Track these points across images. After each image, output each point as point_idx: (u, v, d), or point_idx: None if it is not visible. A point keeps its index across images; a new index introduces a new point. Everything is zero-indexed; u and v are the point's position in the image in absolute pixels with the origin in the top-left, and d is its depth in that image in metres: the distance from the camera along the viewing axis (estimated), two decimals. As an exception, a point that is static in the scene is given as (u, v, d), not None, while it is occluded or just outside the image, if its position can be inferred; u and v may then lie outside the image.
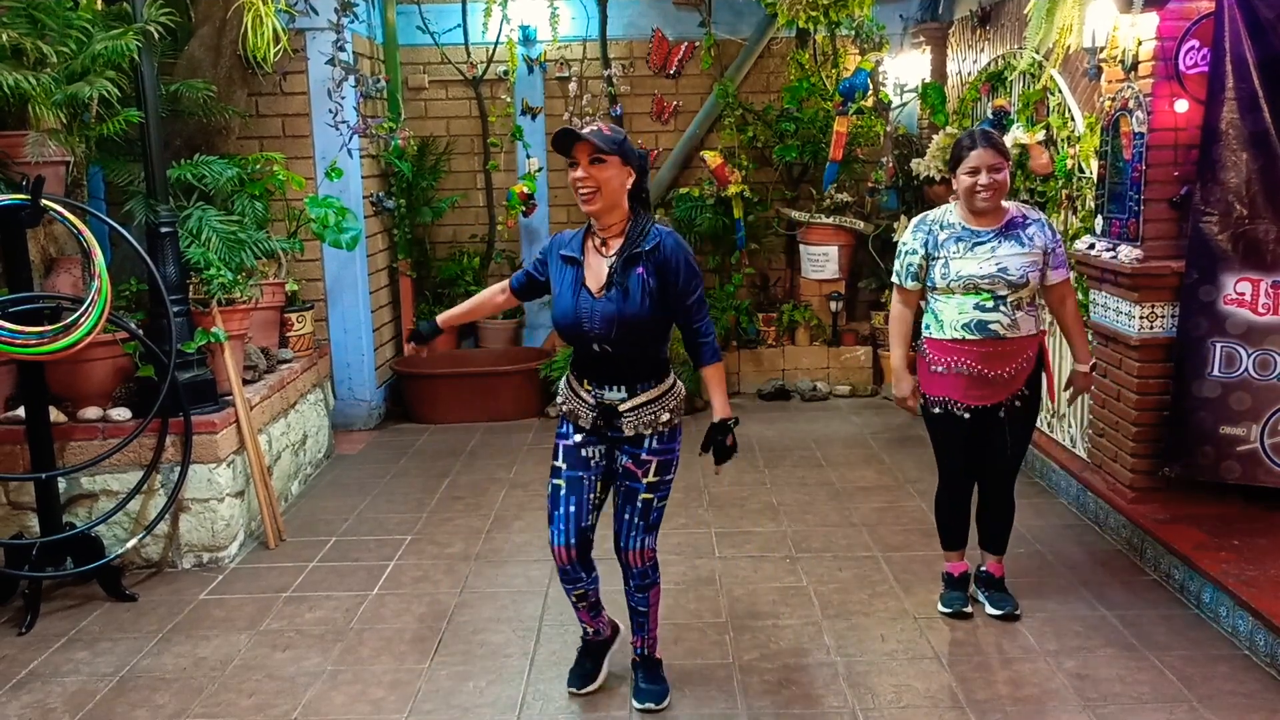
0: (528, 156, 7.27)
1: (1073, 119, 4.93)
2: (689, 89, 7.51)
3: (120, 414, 4.28)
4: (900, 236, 3.62)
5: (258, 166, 5.26)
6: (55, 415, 4.16)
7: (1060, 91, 5.03)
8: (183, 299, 4.35)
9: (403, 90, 7.10)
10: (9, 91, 3.86)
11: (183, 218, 4.65)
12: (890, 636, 3.63)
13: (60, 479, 4.14)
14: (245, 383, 4.80)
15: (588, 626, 3.28)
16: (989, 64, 6.01)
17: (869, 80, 6.71)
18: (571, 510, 3.06)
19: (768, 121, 7.24)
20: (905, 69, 7.19)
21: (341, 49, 5.80)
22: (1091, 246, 4.46)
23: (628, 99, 7.45)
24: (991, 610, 3.74)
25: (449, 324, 3.36)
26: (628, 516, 3.08)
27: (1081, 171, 4.85)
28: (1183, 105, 4.07)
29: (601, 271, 2.96)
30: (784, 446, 6.00)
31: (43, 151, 4.04)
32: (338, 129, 5.91)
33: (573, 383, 3.08)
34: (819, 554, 4.36)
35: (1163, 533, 4.02)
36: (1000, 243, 3.44)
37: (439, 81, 7.42)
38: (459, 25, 7.27)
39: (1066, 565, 4.18)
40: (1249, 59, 3.87)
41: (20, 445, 4.13)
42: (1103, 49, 4.36)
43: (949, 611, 3.76)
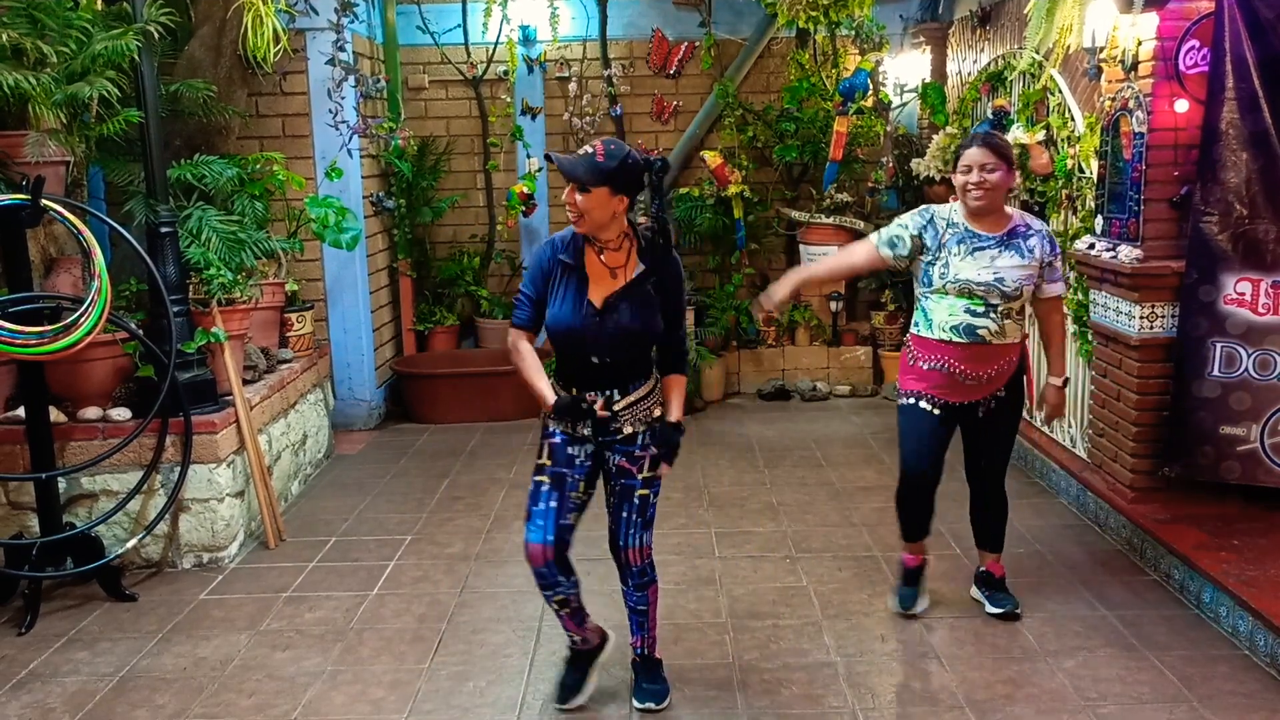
0: (528, 156, 7.27)
1: (1073, 119, 4.93)
2: (689, 89, 7.51)
3: (120, 414, 4.28)
4: None
5: (258, 166, 5.26)
6: (55, 415, 4.16)
7: (1060, 91, 5.03)
8: (183, 299, 4.35)
9: (403, 90, 7.10)
10: (9, 91, 3.86)
11: (183, 218, 4.65)
12: (890, 636, 3.63)
13: (60, 479, 4.14)
14: (245, 383, 4.80)
15: (574, 635, 3.20)
16: (989, 64, 6.01)
17: (869, 80, 6.71)
18: (553, 506, 3.01)
19: (768, 121, 7.24)
20: (905, 69, 7.19)
21: (341, 49, 5.80)
22: (1091, 246, 4.46)
23: (628, 99, 7.45)
24: (992, 610, 3.75)
25: (542, 398, 3.02)
26: (625, 514, 3.08)
27: (1081, 171, 4.85)
28: (1183, 105, 4.07)
29: (605, 284, 2.94)
30: (784, 446, 6.00)
31: (43, 151, 4.04)
32: (338, 129, 5.91)
33: (559, 391, 3.04)
34: (819, 554, 4.36)
35: (1163, 533, 4.02)
36: (1001, 252, 3.43)
37: (439, 81, 7.42)
38: (459, 25, 7.26)
39: (1066, 565, 4.18)
40: (1249, 59, 3.87)
41: (20, 445, 4.13)
42: (1103, 49, 4.36)
43: (899, 610, 3.77)
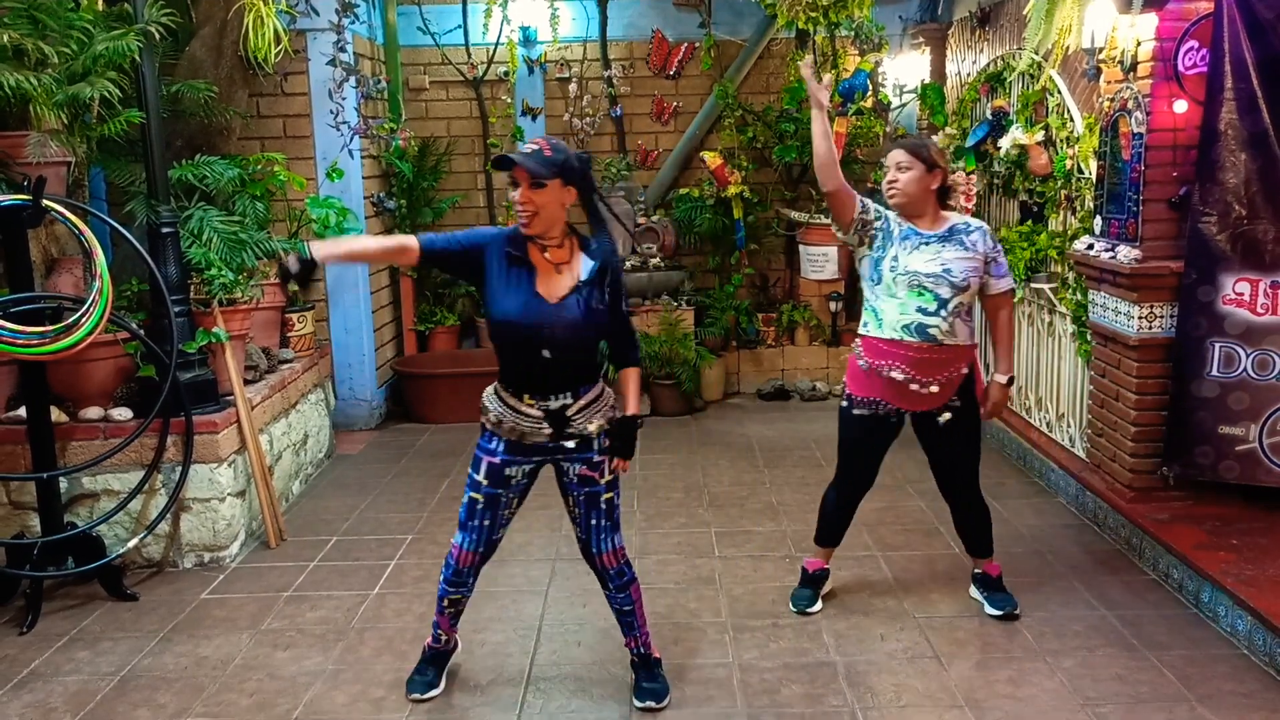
0: (528, 157, 7.26)
1: (1072, 119, 4.93)
2: (689, 90, 7.52)
3: (121, 414, 4.28)
4: None
5: (259, 167, 5.27)
6: (56, 415, 4.16)
7: (1059, 92, 5.03)
8: (184, 299, 4.35)
9: (403, 91, 7.10)
10: (10, 92, 3.87)
11: (184, 218, 4.65)
12: (890, 636, 3.63)
13: (61, 479, 4.14)
14: (246, 383, 4.81)
15: (442, 634, 3.29)
16: (988, 65, 6.01)
17: (868, 81, 6.71)
18: (486, 524, 3.09)
19: (767, 122, 7.25)
20: (905, 70, 7.19)
21: (342, 50, 5.81)
22: (1090, 247, 4.47)
23: (628, 100, 7.46)
24: (991, 610, 3.75)
25: (328, 259, 2.93)
26: (594, 521, 3.10)
27: (1080, 172, 4.86)
28: (1181, 106, 4.08)
29: (556, 282, 2.95)
30: (784, 446, 6.00)
31: (44, 152, 4.05)
32: (339, 129, 5.91)
33: (508, 399, 3.00)
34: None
35: (1162, 532, 4.03)
36: (944, 246, 3.48)
37: (440, 82, 7.43)
38: (459, 26, 7.27)
39: (1066, 565, 4.19)
40: (1248, 59, 3.88)
41: (22, 445, 4.14)
42: (1102, 49, 4.37)
43: (795, 610, 3.80)
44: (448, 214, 7.23)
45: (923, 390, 3.50)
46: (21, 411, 4.12)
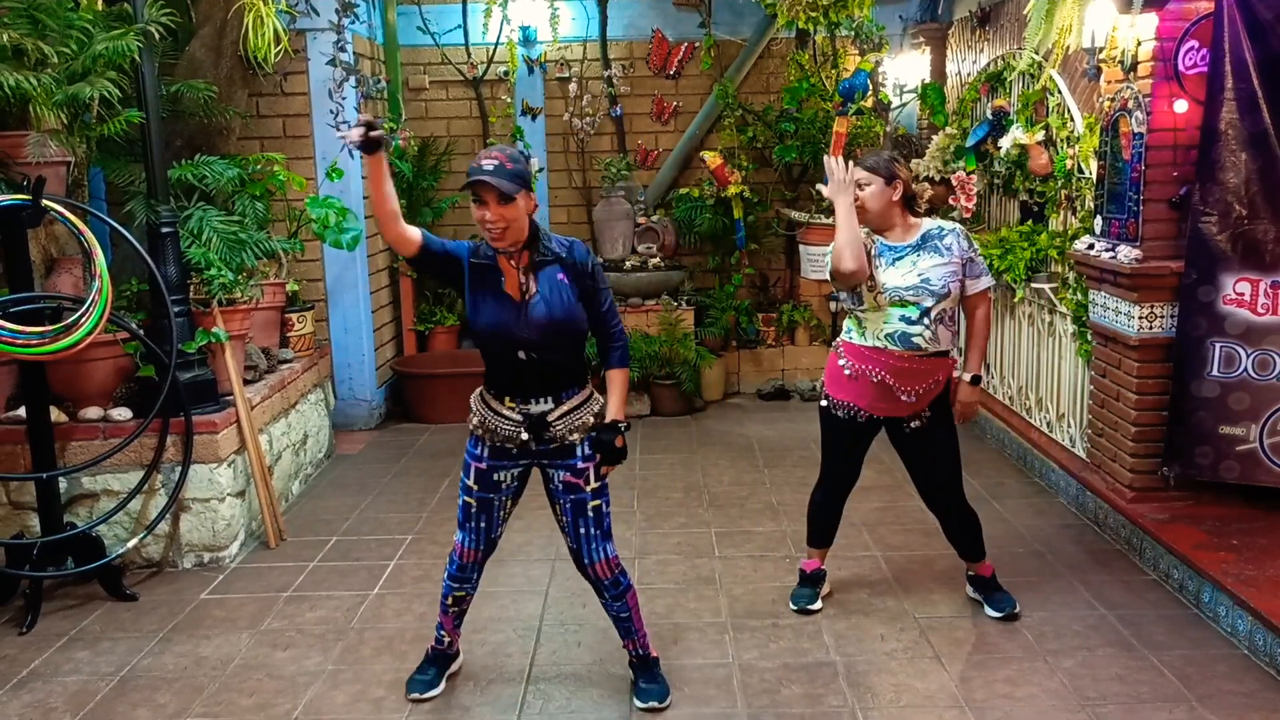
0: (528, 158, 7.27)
1: (1072, 119, 4.93)
2: (689, 89, 7.51)
3: (121, 414, 4.28)
4: None
5: (258, 167, 5.27)
6: (56, 415, 4.16)
7: (1059, 92, 5.03)
8: (183, 299, 4.35)
9: (403, 91, 7.10)
10: (10, 92, 3.87)
11: (183, 218, 4.65)
12: (890, 636, 3.63)
13: (61, 479, 4.14)
14: (246, 383, 4.81)
15: (445, 636, 3.31)
16: (988, 64, 6.01)
17: (869, 81, 6.71)
18: (482, 526, 3.14)
19: (767, 122, 7.25)
20: (905, 69, 7.19)
21: (342, 49, 5.81)
22: (1090, 246, 4.47)
23: (628, 99, 7.46)
24: (991, 611, 3.75)
25: (373, 161, 2.81)
26: (584, 530, 3.08)
27: (1081, 172, 4.86)
28: (1182, 105, 4.07)
29: (519, 280, 2.95)
30: (784, 446, 6.00)
31: (44, 152, 4.05)
32: (338, 129, 5.91)
33: (491, 402, 3.03)
34: (819, 554, 4.37)
35: (1162, 533, 4.03)
36: (919, 255, 3.47)
37: (439, 82, 7.43)
38: (459, 26, 7.27)
39: (1066, 565, 4.19)
40: (1248, 59, 3.88)
41: (21, 445, 4.14)
42: (1102, 49, 4.37)
43: (795, 609, 3.81)
44: (447, 214, 7.24)
45: (903, 398, 3.52)
46: (21, 411, 4.12)
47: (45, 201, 3.80)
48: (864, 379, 3.53)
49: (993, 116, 5.65)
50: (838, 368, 3.63)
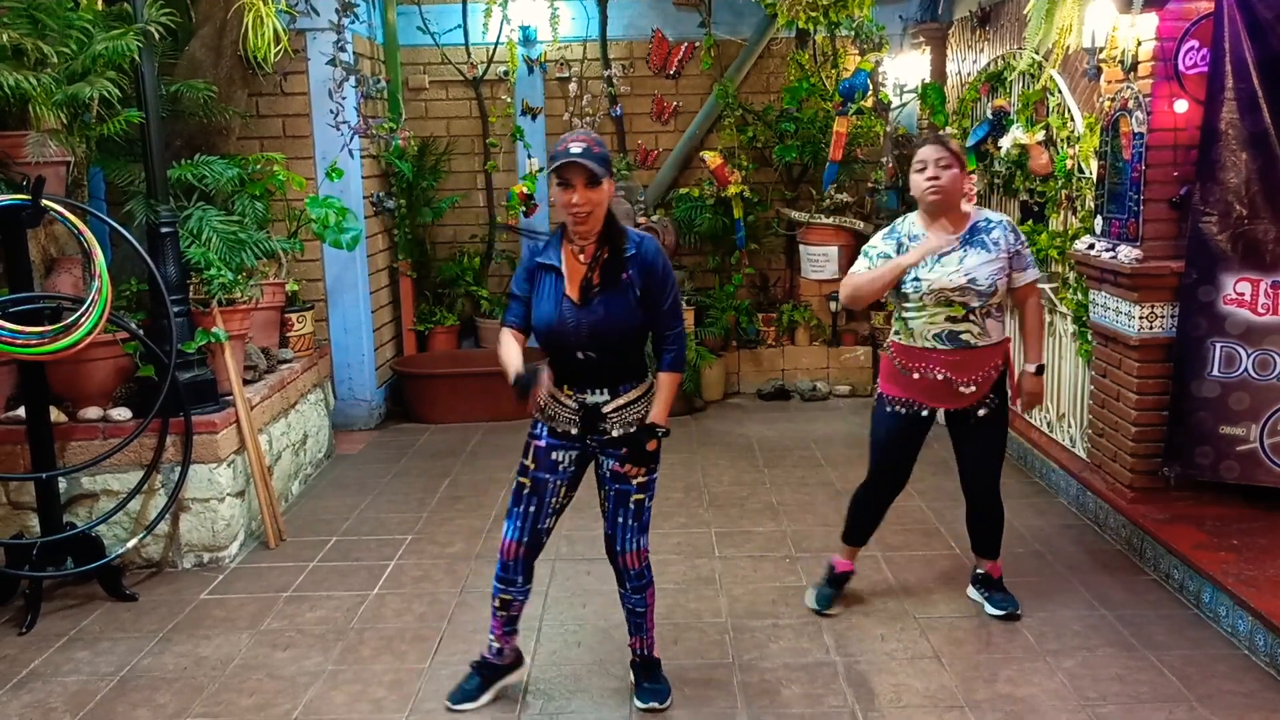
0: (528, 157, 7.27)
1: (1072, 119, 4.93)
2: (689, 89, 7.51)
3: (121, 414, 4.28)
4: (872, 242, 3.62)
5: (258, 167, 5.26)
6: (56, 415, 4.16)
7: (1060, 92, 5.03)
8: (183, 299, 4.35)
9: (403, 90, 7.10)
10: (10, 92, 3.86)
11: (183, 218, 4.65)
12: (890, 636, 3.63)
13: (61, 479, 4.14)
14: (246, 383, 4.81)
15: (495, 642, 3.22)
16: (989, 64, 6.01)
17: (869, 81, 6.71)
18: (531, 510, 3.09)
19: (768, 122, 7.25)
20: (905, 69, 7.18)
21: (342, 49, 5.81)
22: (1091, 246, 4.46)
23: (628, 99, 7.45)
24: (992, 611, 3.75)
25: (507, 369, 2.93)
26: (622, 520, 3.08)
27: (1081, 172, 4.85)
28: (1182, 105, 4.07)
29: (583, 278, 2.93)
30: (784, 446, 6.00)
31: (43, 152, 4.04)
32: (338, 129, 5.91)
33: (552, 388, 3.03)
34: (819, 554, 4.35)
35: (1162, 533, 4.03)
36: (967, 252, 3.44)
37: (439, 82, 7.42)
38: (459, 26, 7.26)
39: (1066, 565, 4.18)
40: (1248, 59, 3.88)
41: (21, 445, 4.13)
42: (1102, 49, 4.36)
43: (816, 609, 3.79)
44: (447, 214, 7.23)
45: (964, 390, 3.50)
46: (21, 411, 4.12)
47: (45, 201, 3.80)
48: (922, 377, 3.52)
49: (993, 116, 5.64)
50: (893, 367, 3.61)
